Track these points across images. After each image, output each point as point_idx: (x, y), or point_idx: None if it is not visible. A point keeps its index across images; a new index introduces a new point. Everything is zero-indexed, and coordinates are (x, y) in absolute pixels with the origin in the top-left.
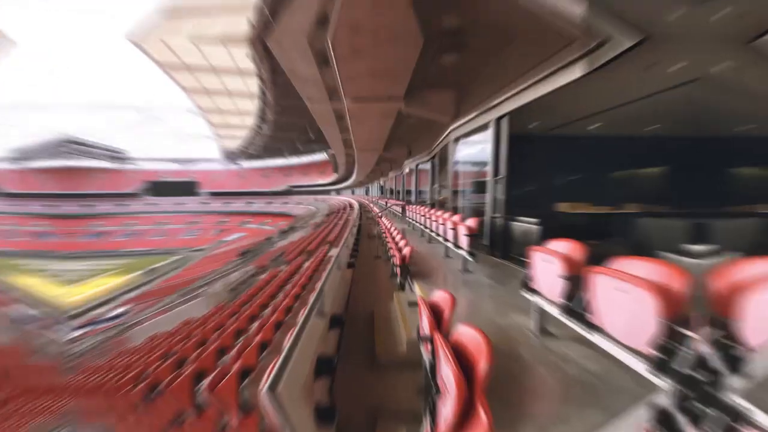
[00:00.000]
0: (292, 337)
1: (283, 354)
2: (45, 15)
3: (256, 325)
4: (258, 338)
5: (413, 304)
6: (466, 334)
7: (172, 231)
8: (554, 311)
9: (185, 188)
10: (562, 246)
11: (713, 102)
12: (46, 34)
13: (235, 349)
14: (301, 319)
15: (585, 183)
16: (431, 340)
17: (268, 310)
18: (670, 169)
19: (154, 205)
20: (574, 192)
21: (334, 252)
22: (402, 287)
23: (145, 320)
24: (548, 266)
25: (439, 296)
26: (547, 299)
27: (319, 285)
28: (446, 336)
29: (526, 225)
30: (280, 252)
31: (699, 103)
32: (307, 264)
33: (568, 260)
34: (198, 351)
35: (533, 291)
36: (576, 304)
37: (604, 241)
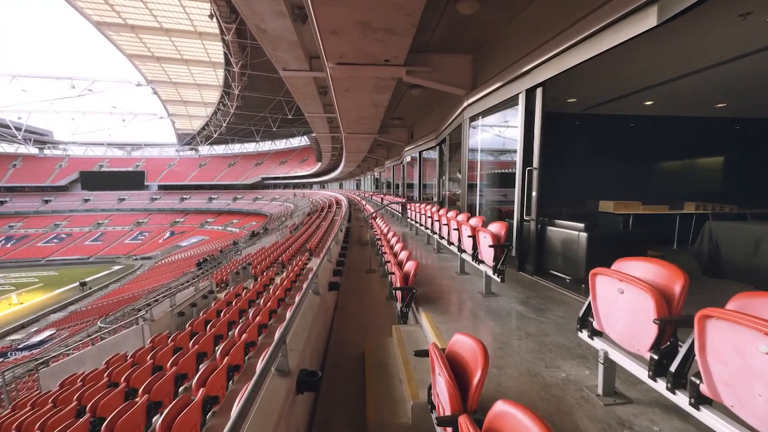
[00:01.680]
0: (238, 407)
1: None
2: None
3: (203, 368)
4: (200, 396)
5: (421, 354)
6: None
7: (111, 234)
8: (634, 367)
9: (129, 180)
10: (644, 268)
11: None
12: None
13: (169, 409)
14: (253, 381)
15: (631, 176)
16: (454, 425)
17: (218, 353)
18: (738, 159)
19: (88, 201)
20: (616, 187)
21: (314, 263)
22: (404, 318)
23: (61, 356)
24: (626, 300)
25: (462, 344)
26: (621, 348)
27: (279, 331)
28: (476, 418)
29: (567, 231)
30: (246, 262)
31: None
32: (279, 279)
33: (660, 293)
34: (119, 409)
35: (597, 333)
36: (675, 365)
37: (669, 252)
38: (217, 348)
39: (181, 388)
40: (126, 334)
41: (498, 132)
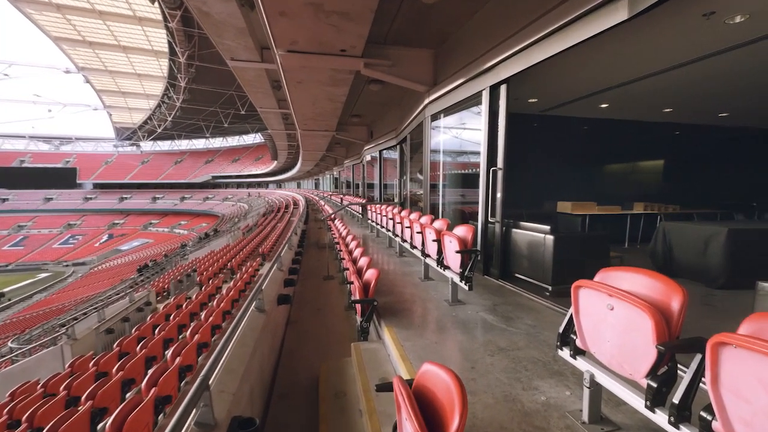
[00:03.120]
0: None
1: None
2: None
3: (129, 396)
4: None
5: (384, 389)
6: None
7: (36, 238)
8: (627, 394)
9: (58, 178)
10: (633, 281)
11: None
12: None
13: None
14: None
15: (586, 177)
16: None
17: (146, 380)
18: (677, 162)
19: (6, 201)
20: (570, 188)
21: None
22: (364, 333)
23: None
24: (616, 318)
25: (434, 377)
26: (609, 371)
27: (200, 376)
28: None
29: (532, 234)
30: (192, 268)
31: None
32: (226, 288)
33: (659, 311)
34: None
35: (580, 352)
36: (679, 396)
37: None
38: (149, 371)
39: (99, 426)
40: (41, 357)
41: (456, 134)
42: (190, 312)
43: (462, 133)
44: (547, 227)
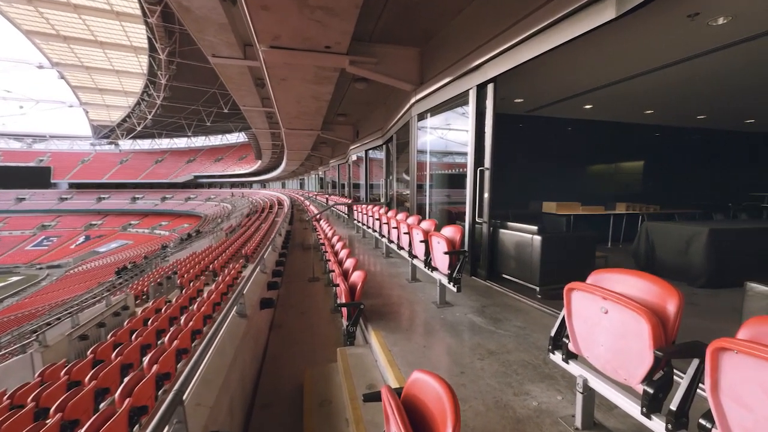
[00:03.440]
0: None
1: None
2: None
3: (103, 407)
4: None
5: (372, 398)
6: None
7: (6, 240)
8: (621, 400)
9: (31, 177)
10: (627, 283)
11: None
12: None
13: None
14: None
15: (571, 178)
16: None
17: (121, 390)
18: (657, 163)
19: None
20: (554, 188)
21: (250, 271)
22: (350, 338)
23: None
24: (611, 322)
25: (424, 386)
26: (602, 375)
27: (173, 390)
28: None
29: (520, 234)
30: (172, 270)
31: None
32: (208, 291)
33: (656, 315)
34: None
35: (572, 356)
36: (677, 403)
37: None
38: (125, 379)
39: None
40: (9, 366)
41: (441, 134)
42: (170, 316)
43: (447, 133)
44: (534, 227)
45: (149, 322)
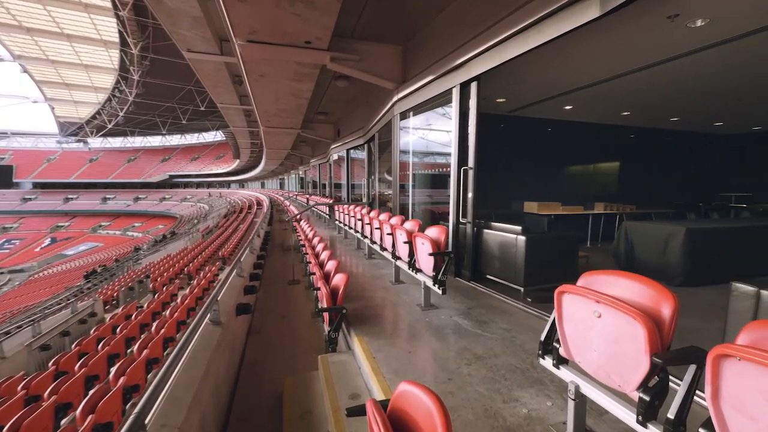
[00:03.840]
0: None
1: None
2: None
3: (64, 424)
4: None
5: (356, 412)
6: None
7: None
8: (616, 408)
9: None
10: (620, 285)
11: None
12: None
13: None
14: None
15: (551, 178)
16: None
17: (81, 409)
18: (632, 164)
19: None
20: (535, 188)
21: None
22: (333, 344)
23: None
24: (604, 326)
25: (412, 399)
26: (594, 381)
27: (131, 417)
28: None
29: (504, 234)
30: (145, 274)
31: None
32: (182, 295)
33: (651, 319)
34: None
35: (563, 361)
36: (674, 411)
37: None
38: (89, 392)
39: None
40: None
41: (422, 135)
42: (141, 323)
43: (428, 134)
44: (518, 228)
45: (118, 329)
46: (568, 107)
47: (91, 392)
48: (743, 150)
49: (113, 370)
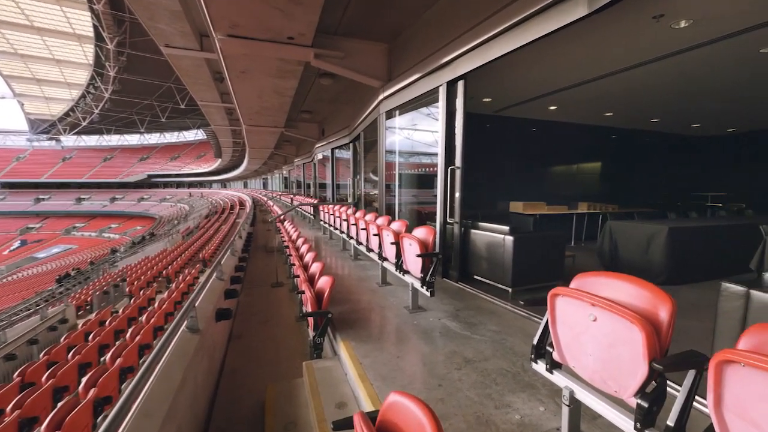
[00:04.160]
0: None
1: None
2: None
3: None
4: None
5: (342, 426)
6: None
7: None
8: (613, 414)
9: None
10: (614, 287)
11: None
12: None
13: None
14: None
15: (536, 178)
16: None
17: (46, 424)
18: (613, 164)
19: None
20: (522, 188)
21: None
22: (318, 350)
23: None
24: (600, 330)
25: (403, 410)
26: (589, 386)
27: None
28: None
29: (492, 234)
30: (121, 277)
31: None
32: (160, 300)
33: (650, 323)
34: None
35: (556, 365)
36: (674, 418)
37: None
38: (57, 404)
39: None
40: None
41: (407, 135)
42: (115, 329)
43: (413, 134)
44: (506, 228)
45: (90, 336)
46: (552, 107)
47: (59, 405)
48: (718, 151)
49: (84, 380)
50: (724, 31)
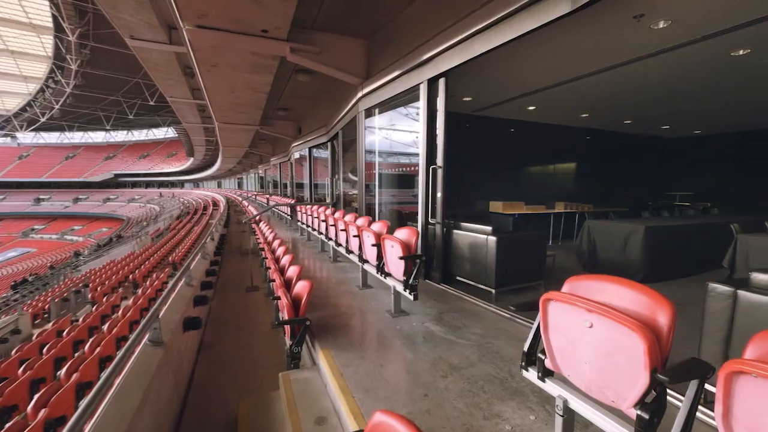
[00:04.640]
0: None
1: None
2: None
3: None
4: None
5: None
6: None
7: None
8: (611, 426)
9: None
10: (610, 291)
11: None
12: None
13: None
14: None
15: (514, 178)
16: None
17: None
18: (588, 165)
19: None
20: (501, 188)
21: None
22: (295, 359)
23: None
24: (596, 337)
25: (388, 430)
26: (584, 395)
27: None
28: None
29: (474, 235)
30: (83, 282)
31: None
32: (124, 307)
33: (651, 330)
34: None
35: (548, 373)
36: (678, 430)
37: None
38: (5, 425)
39: None
40: None
41: (386, 135)
42: (74, 340)
43: (392, 134)
44: (488, 228)
45: (45, 348)
46: (531, 108)
47: (5, 427)
48: (686, 152)
49: (35, 398)
50: (700, 33)
